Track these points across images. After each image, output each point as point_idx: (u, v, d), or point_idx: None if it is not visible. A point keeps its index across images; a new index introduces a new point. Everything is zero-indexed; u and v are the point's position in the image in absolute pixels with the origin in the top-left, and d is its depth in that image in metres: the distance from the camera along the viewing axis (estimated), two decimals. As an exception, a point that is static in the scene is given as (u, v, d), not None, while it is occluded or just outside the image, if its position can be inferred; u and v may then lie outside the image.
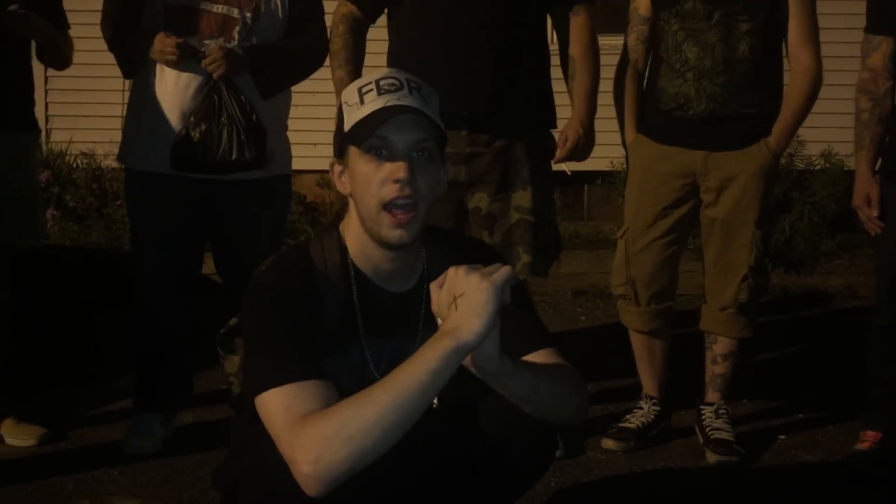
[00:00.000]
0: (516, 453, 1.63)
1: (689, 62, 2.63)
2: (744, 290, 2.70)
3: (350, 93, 1.63)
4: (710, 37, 2.61)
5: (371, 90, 1.59)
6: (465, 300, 1.42)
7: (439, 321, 1.47)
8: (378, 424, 1.40)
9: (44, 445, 2.71)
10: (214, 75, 2.54)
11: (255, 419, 1.54)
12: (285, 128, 2.81)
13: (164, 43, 2.52)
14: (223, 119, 2.55)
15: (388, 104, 1.57)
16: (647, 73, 2.80)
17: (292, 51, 2.68)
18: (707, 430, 2.76)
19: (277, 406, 1.47)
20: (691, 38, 2.63)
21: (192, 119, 2.56)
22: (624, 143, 2.86)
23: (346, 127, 1.61)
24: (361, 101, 1.59)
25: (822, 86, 2.68)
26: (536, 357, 1.63)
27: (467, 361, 1.45)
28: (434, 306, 1.48)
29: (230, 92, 2.57)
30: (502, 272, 1.44)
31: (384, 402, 1.41)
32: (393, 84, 1.59)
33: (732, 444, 2.71)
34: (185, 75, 2.59)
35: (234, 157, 2.56)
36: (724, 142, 2.65)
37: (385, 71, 1.65)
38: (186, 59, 2.54)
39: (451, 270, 1.45)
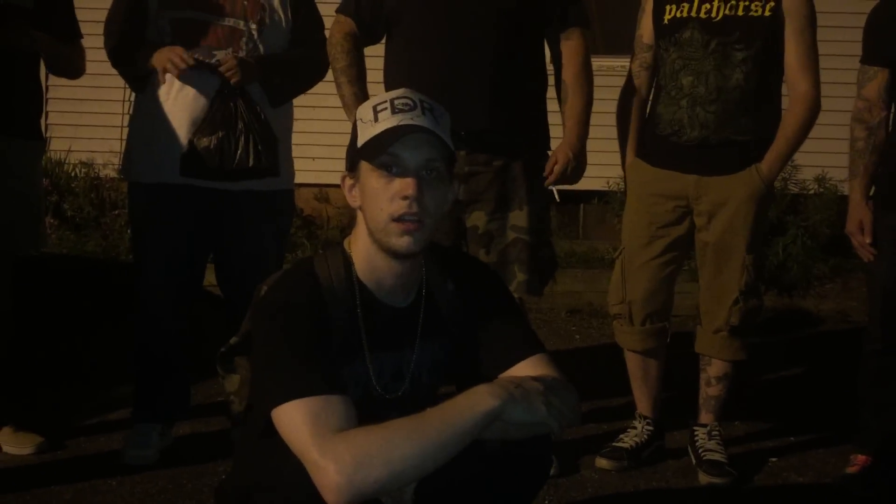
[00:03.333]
0: (513, 470, 1.65)
1: (684, 89, 2.67)
2: (735, 314, 2.72)
3: (365, 110, 1.67)
4: (705, 65, 2.64)
5: (385, 108, 1.64)
6: (528, 398, 1.55)
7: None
8: (419, 456, 1.47)
9: (41, 454, 2.72)
10: (232, 82, 2.58)
11: (266, 433, 1.56)
12: (289, 143, 2.84)
13: (173, 52, 2.55)
14: (240, 126, 2.59)
15: (401, 123, 1.61)
16: (650, 99, 2.85)
17: (298, 61, 2.74)
18: (700, 451, 2.79)
19: (304, 416, 1.50)
20: (688, 67, 2.66)
21: (205, 126, 2.59)
22: (623, 166, 2.90)
23: (360, 143, 1.66)
24: (376, 119, 1.64)
25: (819, 113, 2.70)
26: (528, 364, 1.69)
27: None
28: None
29: (245, 100, 2.61)
30: (553, 426, 1.56)
31: (432, 437, 1.48)
32: (407, 104, 1.64)
33: (725, 465, 2.74)
34: (198, 87, 2.62)
35: (251, 163, 2.60)
36: (715, 167, 2.67)
37: (400, 91, 1.69)
38: (195, 70, 2.57)
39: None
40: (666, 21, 2.71)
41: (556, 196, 2.75)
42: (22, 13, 2.61)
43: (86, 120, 5.64)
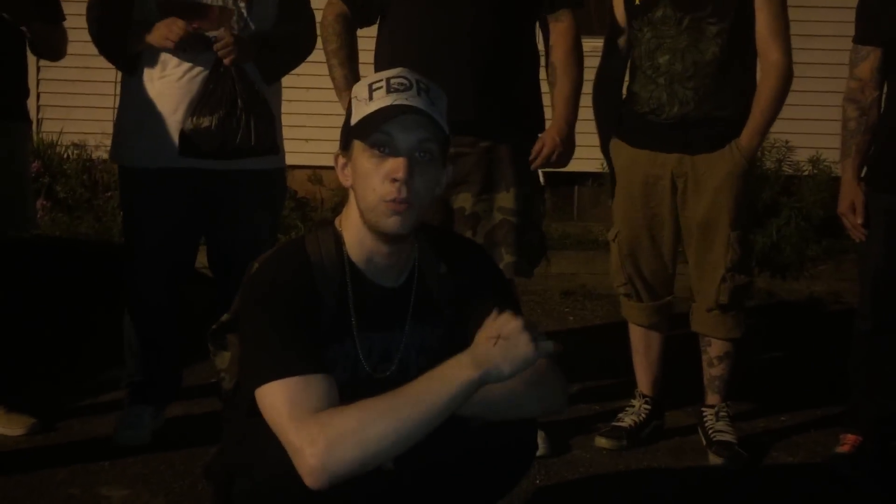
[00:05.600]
0: (497, 455, 1.66)
1: (661, 68, 2.66)
2: (724, 292, 2.72)
3: (360, 88, 1.67)
4: (679, 42, 2.63)
5: (381, 87, 1.63)
6: (507, 346, 1.49)
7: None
8: (394, 434, 1.46)
9: (33, 435, 2.72)
10: (226, 61, 2.56)
11: (251, 412, 1.56)
12: (280, 120, 2.83)
13: (171, 25, 2.52)
14: (240, 105, 2.58)
15: (395, 102, 1.60)
16: (625, 79, 2.83)
17: (288, 37, 2.73)
18: (709, 431, 2.79)
19: (283, 397, 1.50)
20: (663, 45, 2.65)
21: (204, 106, 2.57)
22: (602, 149, 2.90)
23: (353, 121, 1.65)
24: (370, 98, 1.63)
25: (792, 80, 2.67)
26: None
27: None
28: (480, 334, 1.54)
29: (242, 78, 2.59)
30: (547, 345, 1.51)
31: (406, 415, 1.47)
32: (403, 83, 1.63)
33: (734, 445, 2.74)
34: (191, 66, 2.60)
35: (253, 142, 2.59)
36: (696, 145, 2.67)
37: (397, 70, 1.67)
38: (193, 49, 2.55)
39: (506, 319, 1.52)
40: (637, 2, 2.70)
41: (542, 179, 2.74)
42: None
43: (78, 101, 5.60)
